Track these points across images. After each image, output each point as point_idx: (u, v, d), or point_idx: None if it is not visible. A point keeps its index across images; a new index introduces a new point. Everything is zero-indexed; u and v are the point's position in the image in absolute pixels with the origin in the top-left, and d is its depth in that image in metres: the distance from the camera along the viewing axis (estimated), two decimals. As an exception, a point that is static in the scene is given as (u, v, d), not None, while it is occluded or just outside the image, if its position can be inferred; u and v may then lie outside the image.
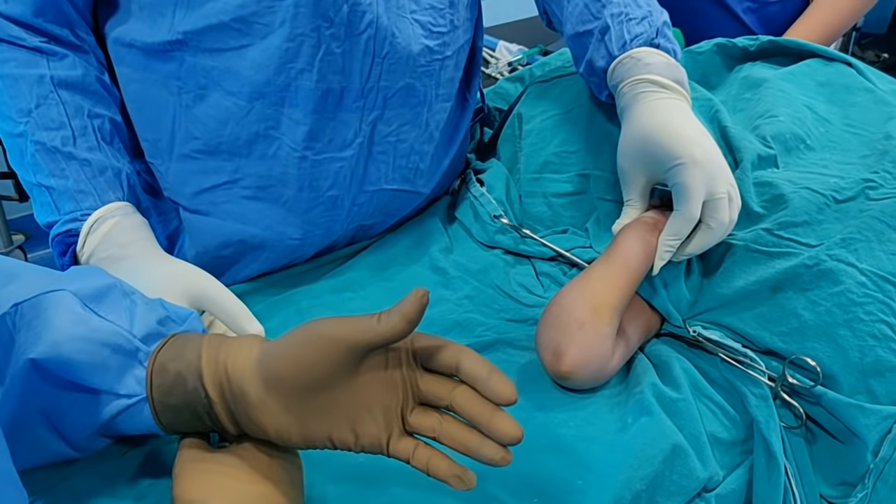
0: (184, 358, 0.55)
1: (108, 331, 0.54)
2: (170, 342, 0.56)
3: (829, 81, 0.97)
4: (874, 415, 0.69)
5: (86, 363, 0.53)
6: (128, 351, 0.55)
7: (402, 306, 0.52)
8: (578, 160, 0.92)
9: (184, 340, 0.56)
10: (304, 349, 0.52)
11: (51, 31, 0.76)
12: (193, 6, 0.75)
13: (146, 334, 0.56)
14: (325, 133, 0.80)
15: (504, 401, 0.53)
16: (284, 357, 0.53)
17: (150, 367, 0.55)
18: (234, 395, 0.54)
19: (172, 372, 0.54)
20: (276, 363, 0.53)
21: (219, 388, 0.54)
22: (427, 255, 0.90)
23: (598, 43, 0.86)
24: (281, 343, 0.54)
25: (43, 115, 0.74)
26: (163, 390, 0.54)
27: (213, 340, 0.56)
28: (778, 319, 0.75)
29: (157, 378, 0.54)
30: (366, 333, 0.52)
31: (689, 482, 0.67)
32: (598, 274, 0.75)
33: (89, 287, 0.56)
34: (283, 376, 0.53)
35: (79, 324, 0.54)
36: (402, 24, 0.79)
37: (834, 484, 0.72)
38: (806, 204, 0.79)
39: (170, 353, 0.55)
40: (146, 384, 0.54)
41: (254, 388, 0.53)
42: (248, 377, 0.53)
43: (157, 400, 0.54)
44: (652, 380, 0.72)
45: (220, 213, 0.82)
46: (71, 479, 0.60)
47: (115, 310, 0.56)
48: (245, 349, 0.55)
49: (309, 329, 0.53)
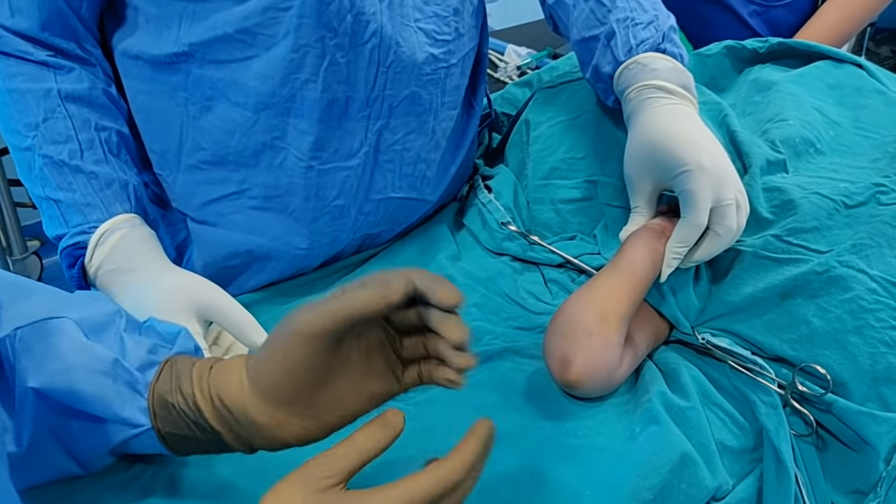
0: (180, 391, 0.55)
1: (108, 360, 0.55)
2: (164, 372, 0.56)
3: (839, 84, 0.96)
4: (886, 423, 0.69)
5: (88, 393, 0.54)
6: (127, 382, 0.55)
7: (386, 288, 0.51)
8: (586, 166, 0.92)
9: (176, 371, 0.56)
10: (286, 354, 0.52)
11: (57, 45, 0.77)
12: (198, 18, 0.75)
13: (140, 365, 0.56)
14: (331, 143, 0.80)
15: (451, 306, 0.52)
16: (274, 370, 0.53)
17: (150, 400, 0.55)
18: (242, 424, 0.54)
19: (173, 406, 0.55)
20: (269, 379, 0.53)
21: (222, 421, 0.54)
22: (435, 262, 0.90)
23: (604, 48, 0.85)
24: (265, 356, 0.54)
25: (50, 129, 0.75)
26: (168, 422, 0.55)
27: (201, 372, 0.55)
28: (787, 326, 0.74)
29: (159, 410, 0.55)
30: (335, 314, 0.51)
31: (698, 491, 0.67)
32: (605, 282, 0.74)
33: (91, 316, 0.56)
34: (278, 388, 0.52)
35: (80, 353, 0.54)
36: (406, 32, 0.79)
37: (845, 492, 0.71)
38: (815, 209, 0.78)
39: (166, 385, 0.55)
40: (150, 416, 0.55)
41: (259, 411, 0.53)
42: (249, 403, 0.53)
43: (165, 431, 0.55)
44: (660, 388, 0.72)
45: (227, 223, 0.82)
46: (76, 494, 0.60)
47: (113, 340, 0.57)
48: (233, 376, 0.54)
49: (285, 331, 0.52)
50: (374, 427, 0.50)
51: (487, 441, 0.51)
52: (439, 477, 0.49)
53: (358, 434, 0.50)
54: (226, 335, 0.75)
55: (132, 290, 0.72)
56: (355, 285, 0.52)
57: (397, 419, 0.50)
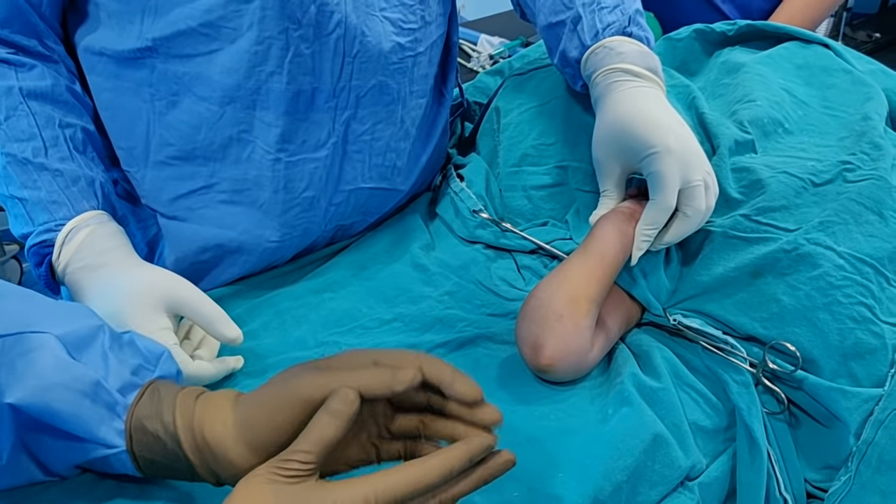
0: (160, 419, 0.54)
1: (88, 381, 0.54)
2: (145, 396, 0.56)
3: (806, 64, 0.97)
4: (855, 397, 0.69)
5: (64, 412, 0.53)
6: (106, 403, 0.55)
7: (394, 378, 0.51)
8: (556, 152, 0.92)
9: (158, 396, 0.56)
10: (284, 413, 0.52)
11: (18, 42, 0.76)
12: (161, 13, 0.74)
13: (121, 386, 0.56)
14: (298, 134, 0.79)
15: (470, 401, 0.53)
16: (264, 422, 0.52)
17: (128, 423, 0.54)
18: (217, 461, 0.53)
19: (151, 432, 0.54)
20: (257, 430, 0.52)
21: (198, 455, 0.54)
22: (408, 252, 0.90)
23: (571, 33, 0.85)
24: (258, 405, 0.53)
25: (13, 127, 0.74)
26: (143, 446, 0.55)
27: (186, 401, 0.55)
28: (758, 305, 0.75)
29: (136, 433, 0.54)
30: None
31: (672, 471, 0.67)
32: (575, 266, 0.74)
33: (74, 331, 0.56)
34: (267, 441, 0.52)
35: (61, 371, 0.53)
36: (371, 22, 0.79)
37: (818, 468, 0.72)
38: (784, 188, 0.79)
39: (146, 409, 0.55)
40: (125, 439, 0.54)
41: (238, 454, 0.53)
42: (230, 444, 0.53)
43: (139, 454, 0.55)
44: (632, 370, 0.72)
45: (197, 218, 0.82)
46: (50, 489, 0.59)
47: (95, 359, 0.56)
48: (220, 416, 0.54)
49: (288, 390, 0.52)
50: (325, 414, 0.50)
51: (475, 452, 0.51)
52: (410, 475, 0.49)
53: (314, 424, 0.50)
54: (197, 330, 0.74)
55: (101, 287, 0.72)
56: (366, 361, 0.52)
57: (346, 405, 0.50)
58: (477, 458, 0.51)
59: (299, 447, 0.49)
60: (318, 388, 0.51)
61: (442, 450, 0.51)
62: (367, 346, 0.77)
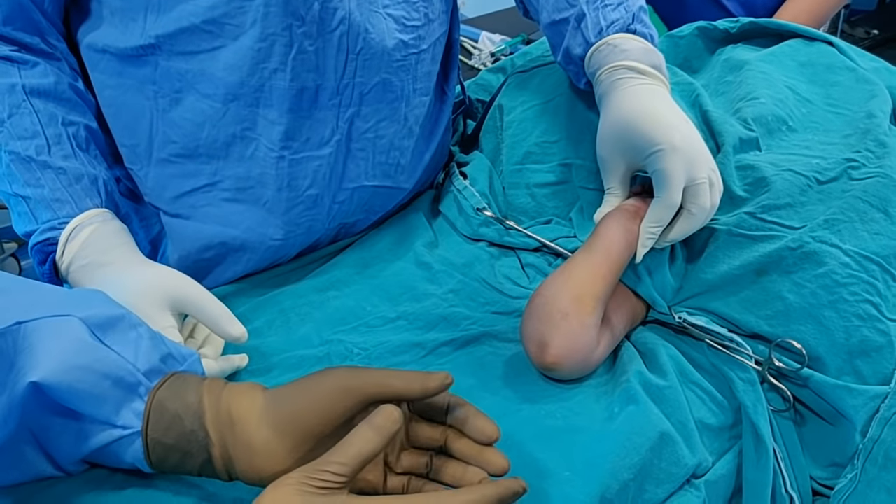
0: (183, 399, 0.55)
1: (111, 363, 0.54)
2: (169, 381, 0.56)
3: (810, 61, 0.96)
4: (861, 395, 0.69)
5: (85, 392, 0.53)
6: (129, 384, 0.55)
7: (427, 378, 0.54)
8: (560, 150, 0.92)
9: (183, 381, 0.56)
10: (320, 396, 0.53)
11: (21, 40, 0.76)
12: (164, 10, 0.74)
13: (149, 369, 0.56)
14: (302, 132, 0.79)
15: (488, 439, 0.56)
16: (297, 404, 0.54)
17: (148, 403, 0.55)
18: (236, 441, 0.54)
19: (171, 411, 0.54)
20: (290, 409, 0.53)
21: (220, 433, 0.54)
22: (412, 250, 0.90)
23: (575, 31, 0.85)
24: (293, 389, 0.55)
25: (16, 125, 0.74)
26: (158, 428, 0.54)
27: (215, 385, 0.56)
28: (763, 303, 0.75)
29: (154, 415, 0.54)
30: (382, 386, 0.54)
31: (678, 469, 0.67)
32: (580, 263, 0.74)
33: (99, 315, 0.56)
34: (298, 421, 0.53)
35: (83, 353, 0.53)
36: (375, 19, 0.79)
37: (823, 465, 0.72)
38: (788, 186, 0.79)
39: (169, 392, 0.55)
40: (143, 419, 0.54)
41: (260, 435, 0.53)
42: (255, 423, 0.54)
43: (151, 437, 0.54)
44: (638, 368, 0.72)
45: (200, 216, 0.82)
46: (57, 485, 0.59)
47: (121, 341, 0.56)
48: (248, 396, 0.55)
49: (324, 377, 0.54)
50: (368, 429, 0.50)
51: (505, 496, 0.51)
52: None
53: (353, 437, 0.50)
54: (201, 328, 0.74)
55: (105, 285, 0.71)
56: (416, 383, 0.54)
57: (390, 422, 0.51)
58: (506, 503, 0.52)
59: (335, 459, 0.49)
60: (352, 377, 0.53)
61: (475, 486, 0.52)
62: (372, 343, 0.77)
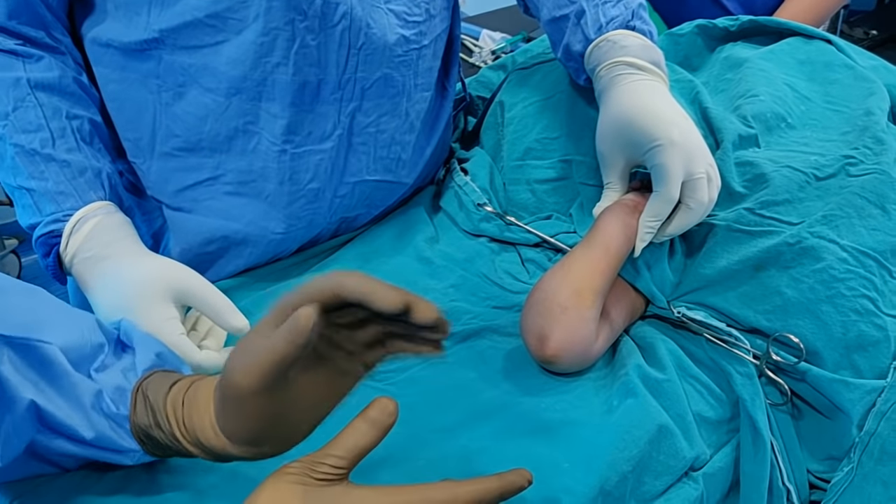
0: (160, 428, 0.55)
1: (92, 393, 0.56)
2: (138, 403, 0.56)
3: (809, 59, 0.97)
4: (858, 389, 0.70)
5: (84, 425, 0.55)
6: (110, 414, 0.56)
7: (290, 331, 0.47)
8: (560, 146, 0.92)
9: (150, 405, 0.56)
10: (240, 410, 0.51)
11: (25, 34, 0.76)
12: (168, 4, 0.74)
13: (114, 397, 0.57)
14: (304, 126, 0.80)
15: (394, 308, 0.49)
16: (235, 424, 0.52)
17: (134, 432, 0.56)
18: (226, 456, 0.54)
19: (156, 439, 0.56)
20: (235, 432, 0.53)
21: (206, 453, 0.55)
22: (412, 245, 0.91)
23: (575, 27, 0.86)
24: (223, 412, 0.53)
25: (21, 118, 0.74)
26: (156, 448, 0.57)
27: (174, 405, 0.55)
28: (761, 298, 0.75)
29: (146, 439, 0.56)
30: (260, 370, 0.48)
31: (676, 462, 0.67)
32: (579, 258, 0.75)
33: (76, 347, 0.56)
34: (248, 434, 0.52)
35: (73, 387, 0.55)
36: (376, 14, 0.79)
37: (820, 459, 0.72)
38: (787, 182, 0.79)
39: (144, 419, 0.56)
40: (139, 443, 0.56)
41: (238, 449, 0.53)
42: (227, 445, 0.53)
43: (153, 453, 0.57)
44: (637, 361, 0.73)
45: (202, 209, 0.82)
46: (57, 479, 0.60)
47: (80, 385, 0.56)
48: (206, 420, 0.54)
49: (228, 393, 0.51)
50: (363, 422, 0.50)
51: (507, 490, 0.51)
52: (440, 494, 0.50)
53: (350, 430, 0.50)
54: (204, 320, 0.75)
55: (108, 277, 0.72)
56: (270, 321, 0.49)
57: (385, 415, 0.50)
58: (508, 497, 0.52)
59: (333, 452, 0.50)
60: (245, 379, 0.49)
61: (476, 479, 0.52)
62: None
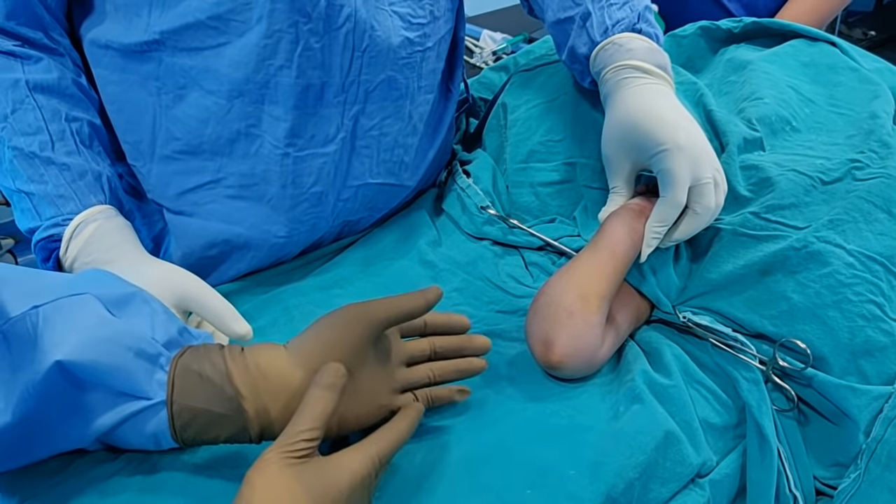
0: (208, 360, 0.56)
1: (131, 334, 0.55)
2: (189, 350, 0.57)
3: (813, 62, 0.97)
4: (865, 395, 0.69)
5: (109, 365, 0.54)
6: (150, 355, 0.55)
7: (424, 292, 0.62)
8: (564, 149, 0.92)
9: (204, 348, 0.58)
10: (337, 329, 0.59)
11: (24, 35, 0.75)
12: (169, 5, 0.74)
13: (167, 341, 0.57)
14: (307, 129, 0.79)
15: (464, 326, 0.69)
16: (318, 342, 0.58)
17: (172, 370, 0.56)
18: (271, 388, 0.56)
19: (196, 373, 0.56)
20: (316, 347, 0.58)
21: (251, 384, 0.56)
22: (415, 248, 0.90)
23: (580, 29, 0.85)
24: (312, 332, 0.60)
25: (19, 120, 0.74)
26: (185, 392, 0.55)
27: (234, 349, 0.58)
28: (767, 303, 0.75)
29: (179, 380, 0.55)
30: (391, 308, 0.60)
31: (683, 468, 0.67)
32: (585, 262, 0.74)
33: (112, 293, 0.57)
34: (326, 356, 0.57)
35: (103, 326, 0.54)
36: (381, 16, 0.78)
37: (827, 465, 0.72)
38: (793, 186, 0.79)
39: (191, 358, 0.57)
40: (167, 387, 0.55)
41: (295, 376, 0.56)
42: (287, 367, 0.57)
43: (178, 402, 0.55)
44: (643, 367, 0.72)
45: (203, 213, 0.81)
46: (61, 484, 0.59)
47: (137, 315, 0.57)
48: (271, 349, 0.59)
49: (336, 315, 0.60)
50: (319, 390, 0.54)
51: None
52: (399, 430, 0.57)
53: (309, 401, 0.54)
54: (206, 325, 0.74)
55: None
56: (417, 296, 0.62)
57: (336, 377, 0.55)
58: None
59: (303, 427, 0.52)
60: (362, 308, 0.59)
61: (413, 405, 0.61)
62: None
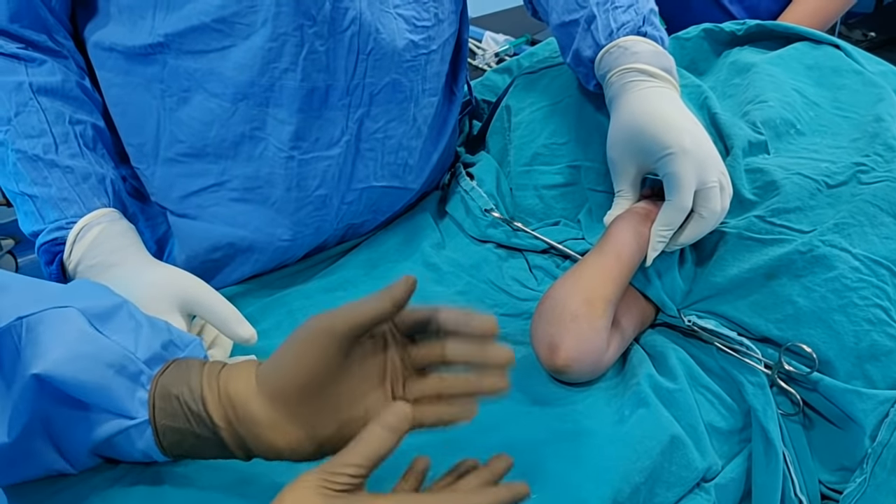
0: (186, 384, 0.55)
1: (113, 351, 0.54)
2: (171, 367, 0.56)
3: (817, 64, 0.97)
4: (871, 399, 0.69)
5: (89, 382, 0.53)
6: (131, 373, 0.55)
7: (390, 288, 0.54)
8: (568, 151, 0.92)
9: (185, 366, 0.56)
10: (299, 349, 0.54)
11: (28, 37, 0.75)
12: (173, 8, 0.73)
13: (149, 357, 0.56)
14: (312, 132, 0.79)
15: (487, 332, 0.56)
16: (282, 365, 0.54)
17: (152, 390, 0.55)
18: (241, 420, 0.54)
19: (175, 396, 0.54)
20: (275, 374, 0.54)
21: (223, 414, 0.54)
22: (419, 251, 0.90)
23: (585, 32, 0.85)
24: (278, 353, 0.55)
25: (23, 123, 0.73)
26: (166, 414, 0.55)
27: (213, 368, 0.56)
28: (773, 306, 0.75)
29: (159, 401, 0.55)
30: (353, 316, 0.53)
31: (688, 473, 0.67)
32: (590, 266, 0.74)
33: (97, 306, 0.56)
34: (285, 383, 0.53)
35: (84, 342, 0.54)
36: (385, 19, 0.78)
37: (833, 469, 0.72)
38: (798, 190, 0.79)
39: (171, 378, 0.55)
40: (148, 407, 0.54)
41: (262, 409, 0.54)
42: (253, 399, 0.54)
43: (160, 423, 0.55)
44: (648, 371, 0.72)
45: (208, 216, 0.81)
46: (63, 492, 0.59)
47: (121, 330, 0.56)
48: (244, 374, 0.55)
49: (297, 333, 0.54)
50: (381, 429, 0.51)
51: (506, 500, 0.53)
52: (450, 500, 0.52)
53: (367, 436, 0.51)
54: (210, 329, 0.74)
55: (114, 286, 0.70)
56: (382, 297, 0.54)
57: (401, 420, 0.51)
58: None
59: (351, 461, 0.50)
60: (321, 321, 0.53)
61: (483, 489, 0.53)
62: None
